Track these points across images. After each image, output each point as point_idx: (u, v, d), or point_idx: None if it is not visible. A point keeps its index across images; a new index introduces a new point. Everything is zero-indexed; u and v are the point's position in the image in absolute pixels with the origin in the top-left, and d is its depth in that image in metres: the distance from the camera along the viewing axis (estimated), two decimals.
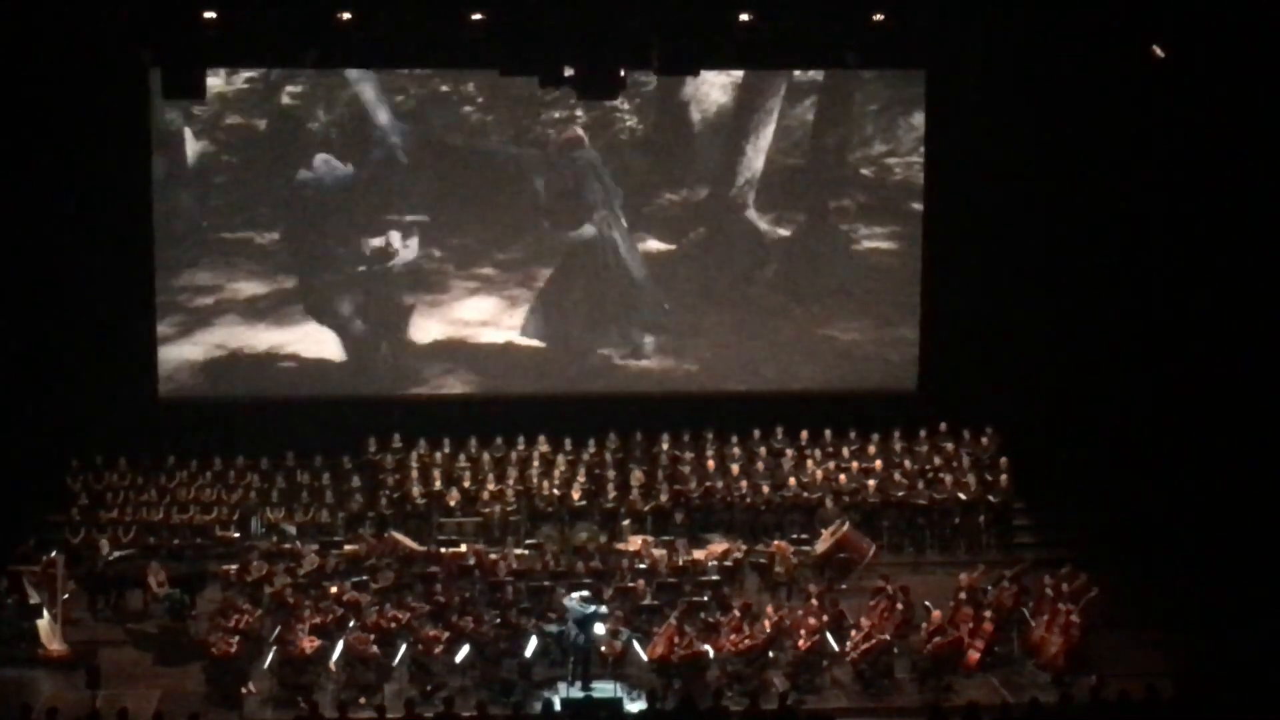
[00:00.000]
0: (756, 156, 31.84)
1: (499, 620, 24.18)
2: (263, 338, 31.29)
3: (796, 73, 31.49)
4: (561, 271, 31.73)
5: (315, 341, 31.41)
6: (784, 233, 31.99)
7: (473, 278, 31.62)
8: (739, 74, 31.33)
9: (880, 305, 32.11)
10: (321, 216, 31.30)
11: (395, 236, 31.33)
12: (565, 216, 31.62)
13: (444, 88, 31.23)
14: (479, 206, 31.53)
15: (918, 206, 31.84)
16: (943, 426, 30.37)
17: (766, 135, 31.79)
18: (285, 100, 31.17)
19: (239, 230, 31.20)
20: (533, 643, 23.76)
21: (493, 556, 26.58)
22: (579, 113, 31.23)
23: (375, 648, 23.38)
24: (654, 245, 31.86)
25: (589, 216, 31.63)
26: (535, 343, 31.72)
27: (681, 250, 31.88)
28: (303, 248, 31.29)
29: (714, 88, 31.59)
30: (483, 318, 31.67)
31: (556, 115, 31.38)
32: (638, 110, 31.43)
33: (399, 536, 27.44)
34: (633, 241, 31.68)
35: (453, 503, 28.83)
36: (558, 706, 21.82)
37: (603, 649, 23.65)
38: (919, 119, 31.77)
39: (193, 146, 30.93)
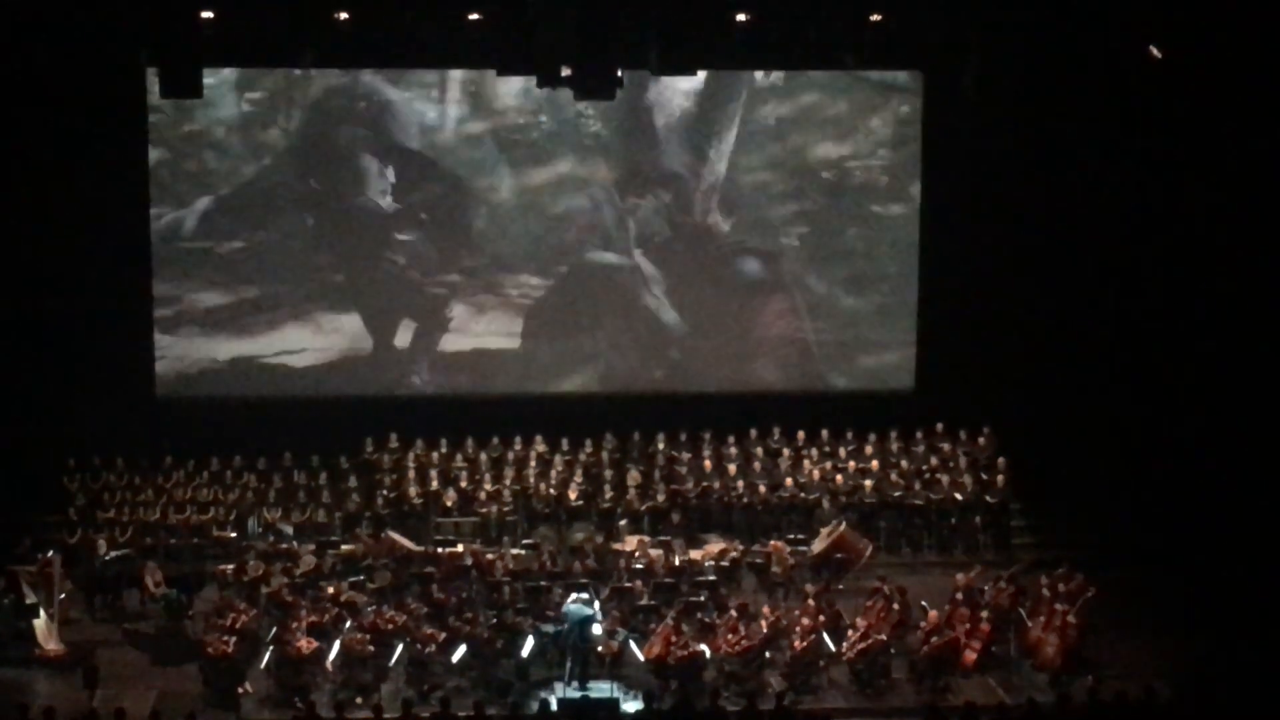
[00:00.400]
0: (720, 160, 31.83)
1: (496, 620, 24.17)
2: (228, 347, 31.40)
3: (759, 76, 31.45)
4: (579, 285, 31.91)
5: (307, 344, 31.47)
6: (762, 235, 31.95)
7: (471, 283, 31.68)
8: (700, 79, 31.19)
9: (877, 305, 32.09)
10: (341, 220, 31.51)
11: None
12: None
13: (406, 94, 31.23)
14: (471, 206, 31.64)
15: (878, 208, 31.87)
16: (939, 427, 30.37)
17: (729, 139, 31.78)
18: (245, 107, 31.13)
19: (196, 240, 31.21)
20: (529, 643, 23.75)
21: (490, 557, 26.57)
22: (543, 118, 31.22)
23: (372, 648, 23.36)
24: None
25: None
26: (532, 345, 31.79)
27: (650, 254, 31.87)
28: (302, 252, 31.41)
29: (676, 93, 31.51)
30: (481, 320, 31.68)
31: (521, 121, 31.38)
32: (602, 115, 31.31)
33: (396, 537, 27.43)
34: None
35: (450, 503, 28.82)
36: (554, 707, 21.82)
37: (600, 649, 23.66)
38: (876, 123, 31.77)
39: (152, 155, 30.88)
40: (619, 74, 24.49)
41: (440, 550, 27.02)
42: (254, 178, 31.16)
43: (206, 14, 23.95)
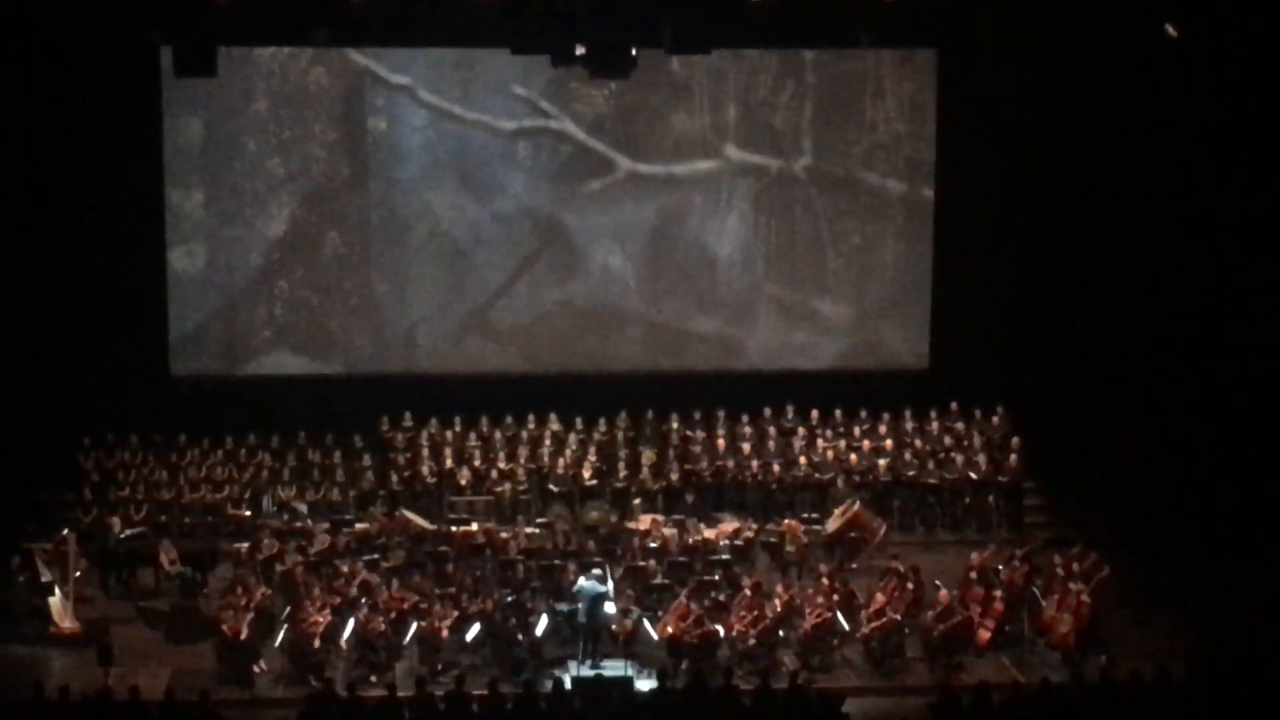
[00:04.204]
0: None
1: (510, 599, 24.20)
2: (244, 326, 31.50)
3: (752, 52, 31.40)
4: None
5: (322, 322, 31.53)
6: (789, 211, 31.92)
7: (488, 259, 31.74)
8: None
9: (891, 284, 32.07)
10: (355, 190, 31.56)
11: None
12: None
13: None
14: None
15: (893, 186, 31.81)
16: (954, 406, 30.34)
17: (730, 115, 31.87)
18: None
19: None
20: (543, 621, 23.78)
21: (504, 535, 26.59)
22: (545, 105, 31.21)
23: (385, 626, 23.39)
24: None
25: None
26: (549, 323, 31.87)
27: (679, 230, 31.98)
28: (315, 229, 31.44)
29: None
30: (500, 296, 31.73)
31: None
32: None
33: (410, 515, 27.45)
34: None
35: (464, 481, 28.83)
36: (568, 685, 21.86)
37: (613, 628, 23.69)
38: (890, 100, 31.69)
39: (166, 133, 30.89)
40: (633, 53, 24.47)
41: (454, 529, 27.03)
42: (268, 154, 31.20)
43: None
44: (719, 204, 31.86)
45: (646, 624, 23.77)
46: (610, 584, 24.40)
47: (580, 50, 24.27)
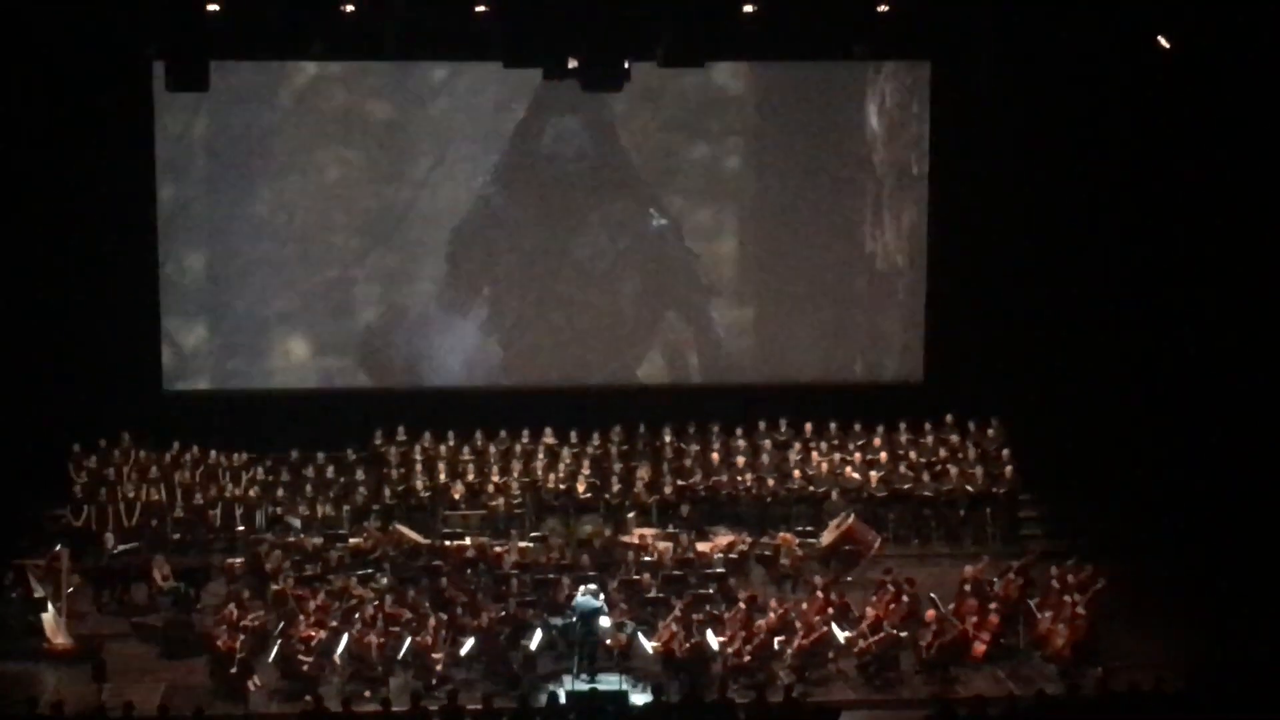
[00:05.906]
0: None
1: (504, 613, 24.14)
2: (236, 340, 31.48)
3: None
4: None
5: (314, 338, 31.49)
6: (781, 224, 31.91)
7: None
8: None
9: (885, 296, 32.04)
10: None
11: None
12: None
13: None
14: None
15: (886, 199, 31.83)
16: (948, 418, 30.30)
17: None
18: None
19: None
20: (538, 635, 23.73)
21: (497, 549, 26.54)
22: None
23: (379, 641, 23.32)
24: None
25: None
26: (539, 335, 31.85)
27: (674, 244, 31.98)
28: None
29: None
30: (487, 311, 31.70)
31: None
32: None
33: (403, 529, 27.40)
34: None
35: (457, 495, 28.77)
36: (563, 699, 21.79)
37: (608, 642, 23.64)
38: (883, 113, 31.71)
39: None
40: (625, 66, 24.46)
41: (448, 543, 26.95)
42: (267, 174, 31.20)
43: (213, 6, 23.92)
44: (716, 219, 31.84)
45: (641, 638, 23.73)
46: (604, 598, 24.33)
47: (573, 63, 24.26)
